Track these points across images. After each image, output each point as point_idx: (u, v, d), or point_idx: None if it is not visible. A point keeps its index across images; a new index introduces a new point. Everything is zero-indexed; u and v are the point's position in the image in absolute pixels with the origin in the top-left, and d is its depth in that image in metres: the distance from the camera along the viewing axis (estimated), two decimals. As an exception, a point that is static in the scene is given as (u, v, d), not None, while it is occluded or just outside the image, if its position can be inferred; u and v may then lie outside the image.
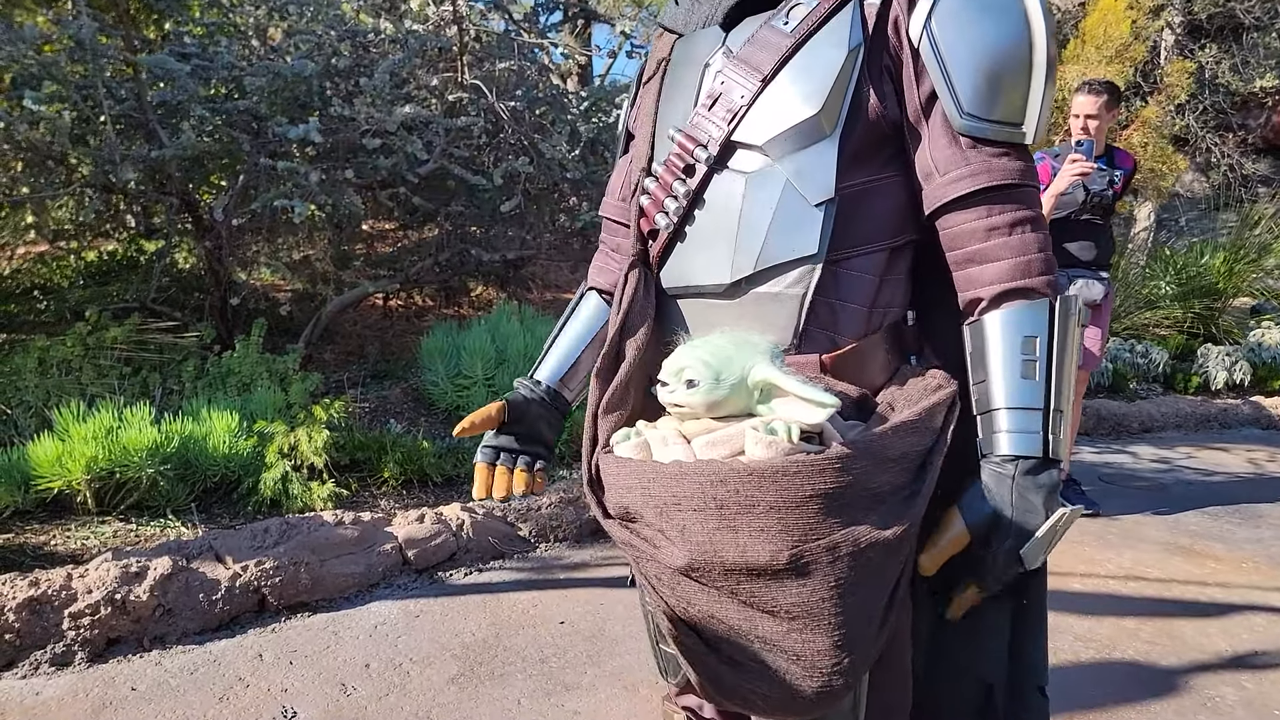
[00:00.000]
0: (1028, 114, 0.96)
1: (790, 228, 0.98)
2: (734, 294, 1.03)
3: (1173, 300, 7.61)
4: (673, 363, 0.94)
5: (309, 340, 4.50)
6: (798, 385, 0.88)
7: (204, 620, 2.48)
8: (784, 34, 1.00)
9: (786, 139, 0.98)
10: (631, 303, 1.08)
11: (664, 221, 1.08)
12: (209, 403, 3.31)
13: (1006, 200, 0.97)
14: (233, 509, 3.14)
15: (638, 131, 1.18)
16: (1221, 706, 2.37)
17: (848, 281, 1.02)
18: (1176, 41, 8.59)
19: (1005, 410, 0.96)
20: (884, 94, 0.99)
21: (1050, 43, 0.95)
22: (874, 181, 1.01)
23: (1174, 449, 5.52)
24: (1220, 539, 3.76)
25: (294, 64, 3.44)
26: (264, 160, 3.55)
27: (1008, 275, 0.96)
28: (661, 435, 0.95)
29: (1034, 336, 0.95)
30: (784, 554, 0.83)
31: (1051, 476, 0.95)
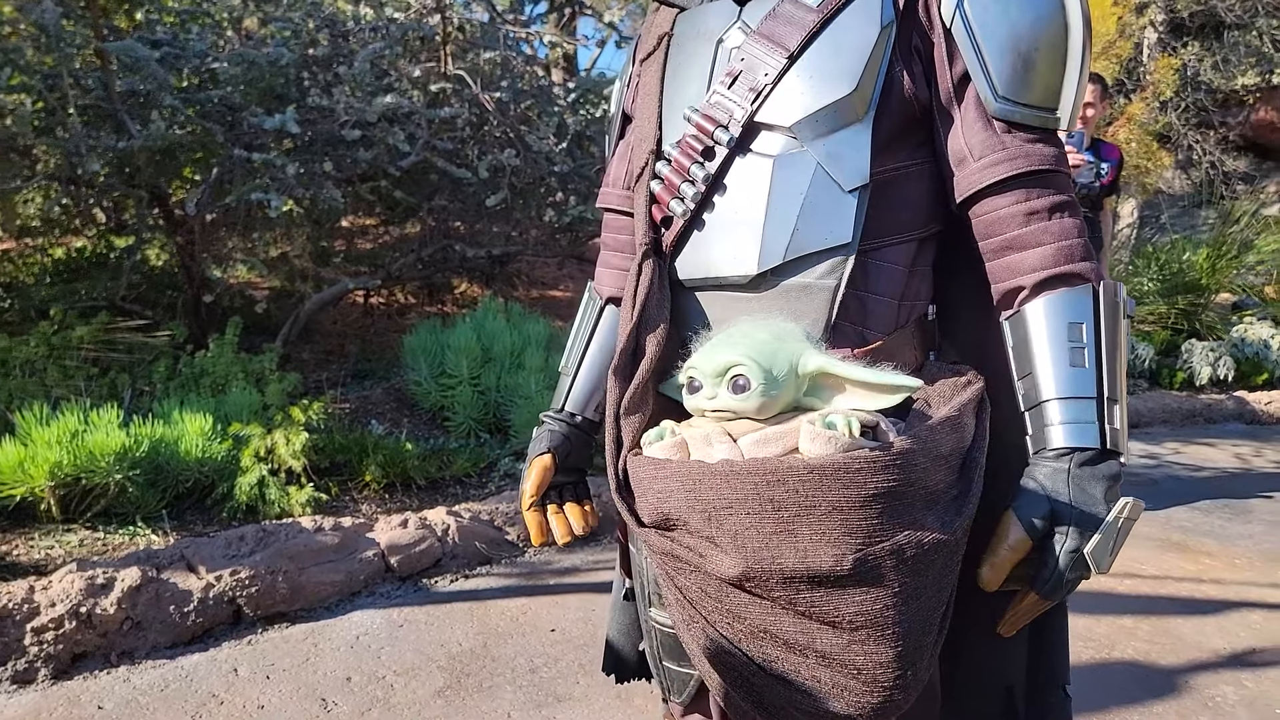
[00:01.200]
0: (1063, 98, 0.92)
1: (823, 215, 0.92)
2: (758, 286, 0.96)
3: (1157, 296, 7.65)
4: (710, 362, 0.85)
5: (287, 339, 4.37)
6: (862, 371, 0.83)
7: (175, 633, 2.37)
8: (809, 8, 0.93)
9: (818, 120, 0.92)
10: (648, 295, 1.00)
11: (679, 208, 1.00)
12: (181, 404, 3.19)
13: (1044, 185, 0.92)
14: (206, 515, 3.02)
15: (639, 112, 1.10)
16: (1223, 706, 2.34)
17: (877, 273, 0.97)
18: (1160, 39, 8.62)
19: (1056, 401, 0.90)
20: (914, 75, 0.94)
21: (1086, 26, 0.92)
22: (905, 167, 0.97)
23: (1162, 444, 5.53)
24: (1212, 535, 3.75)
25: (270, 52, 3.32)
26: (239, 152, 3.43)
27: (1051, 261, 0.91)
28: (704, 434, 0.86)
29: (1080, 323, 0.90)
30: (849, 558, 0.77)
31: (1112, 467, 0.88)
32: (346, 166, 3.91)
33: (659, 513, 0.87)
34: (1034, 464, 0.90)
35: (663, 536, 0.87)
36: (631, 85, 1.16)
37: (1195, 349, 6.87)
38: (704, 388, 0.86)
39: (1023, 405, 0.94)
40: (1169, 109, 8.40)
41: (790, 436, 0.82)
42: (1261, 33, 9.08)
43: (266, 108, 3.54)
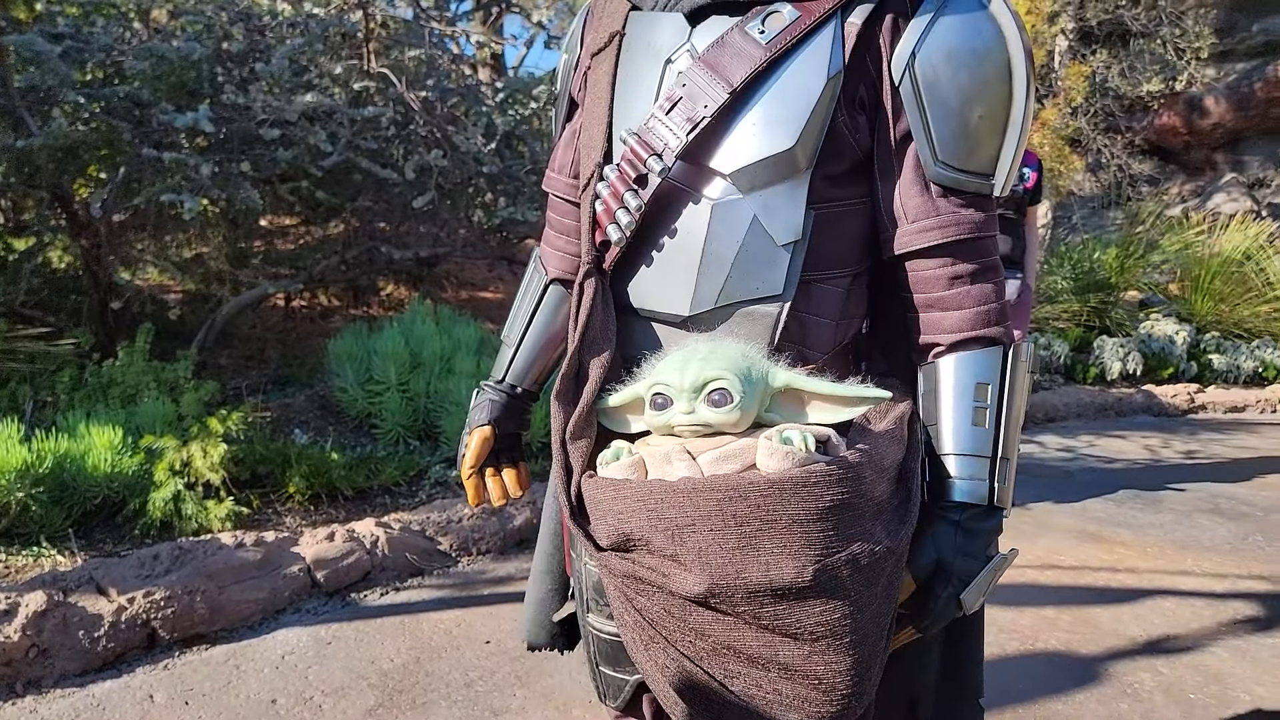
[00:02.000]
0: (999, 166, 0.95)
1: (756, 265, 0.94)
2: (696, 325, 0.98)
3: (1070, 294, 7.95)
4: (684, 377, 0.85)
5: (203, 345, 4.19)
6: (829, 385, 0.86)
7: (86, 660, 2.25)
8: (757, 44, 0.92)
9: (756, 171, 0.92)
10: (590, 316, 0.99)
11: (615, 234, 0.99)
12: (88, 417, 3.02)
13: (970, 252, 0.96)
14: (117, 534, 2.87)
15: (589, 116, 1.07)
16: (1141, 693, 2.44)
17: (819, 295, 0.99)
18: (1070, 47, 8.96)
19: (955, 456, 0.96)
20: (857, 125, 0.95)
21: (1030, 98, 0.94)
22: (846, 205, 0.99)
23: (1077, 437, 5.75)
24: (1126, 525, 3.91)
25: (181, 47, 3.16)
26: (148, 151, 3.25)
27: (968, 324, 0.97)
28: (663, 452, 0.86)
29: (986, 383, 0.96)
30: (809, 569, 0.79)
31: (995, 523, 0.96)
32: (265, 166, 3.76)
33: (619, 534, 0.86)
34: (932, 514, 0.96)
35: (622, 559, 0.87)
36: (579, 71, 1.13)
37: (1106, 345, 7.17)
38: (676, 403, 0.86)
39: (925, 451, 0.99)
40: (1079, 114, 8.75)
41: (748, 453, 0.83)
42: (1165, 41, 9.53)
43: (178, 104, 3.38)
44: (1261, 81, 11.16)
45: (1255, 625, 2.88)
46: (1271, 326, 8.08)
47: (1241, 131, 11.81)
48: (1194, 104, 11.46)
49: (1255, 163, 11.97)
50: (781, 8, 0.92)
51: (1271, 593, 3.18)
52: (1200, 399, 6.90)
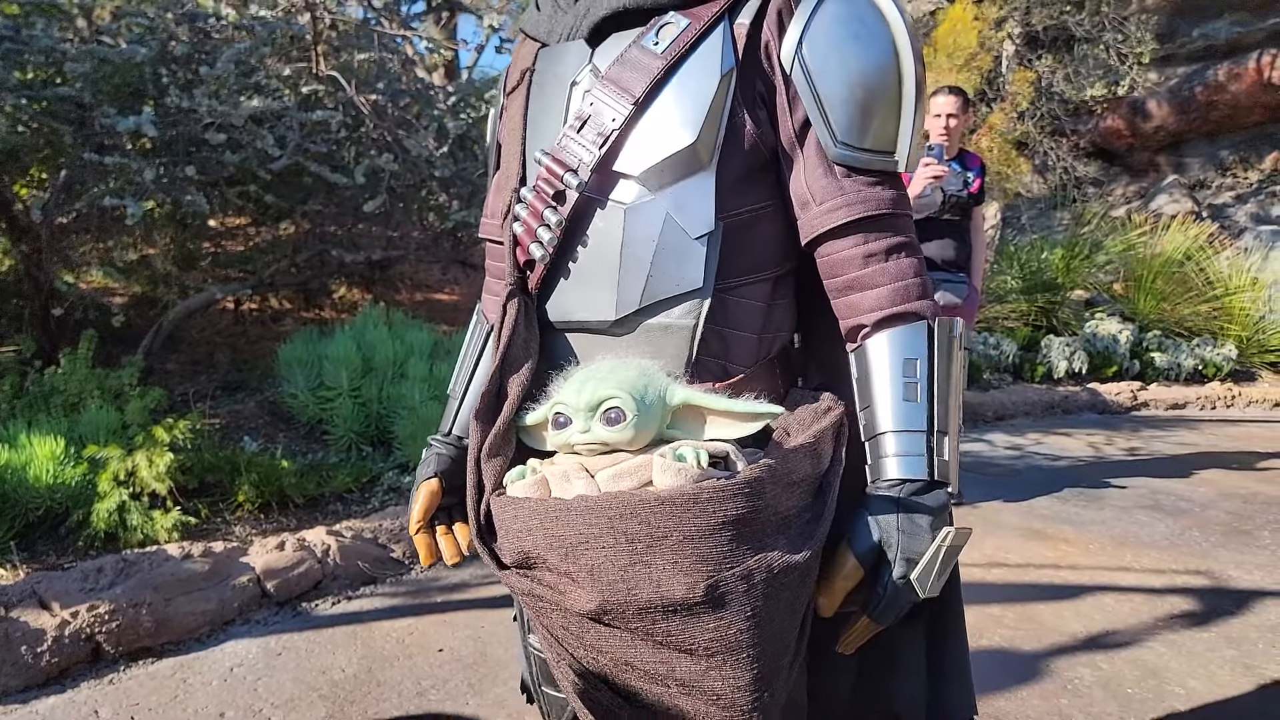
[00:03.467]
0: (899, 142, 0.97)
1: (674, 261, 0.96)
2: (619, 329, 1.00)
3: (1018, 294, 8.13)
4: (580, 397, 0.87)
5: (149, 350, 4.11)
6: (724, 401, 0.87)
7: (28, 676, 2.20)
8: (654, 55, 0.96)
9: (663, 170, 0.96)
10: (513, 336, 1.02)
11: (539, 252, 1.02)
12: (29, 426, 2.95)
13: (882, 228, 0.97)
14: (60, 545, 2.81)
15: (505, 149, 1.11)
16: (1080, 688, 2.51)
17: (737, 309, 1.00)
18: (1016, 52, 9.17)
19: (891, 434, 0.96)
20: (759, 120, 0.97)
21: (918, 69, 0.96)
22: (756, 210, 1.00)
23: (1024, 435, 5.88)
24: (1069, 521, 4.02)
25: (124, 49, 3.08)
26: (90, 155, 3.17)
27: (888, 301, 0.97)
28: (562, 470, 0.88)
29: (914, 359, 0.96)
30: (700, 585, 0.79)
31: (939, 498, 0.94)
32: (212, 169, 3.69)
33: (519, 551, 0.87)
34: (869, 494, 0.96)
35: (523, 577, 0.88)
36: (502, 116, 1.17)
37: (1053, 344, 7.34)
38: (574, 422, 0.88)
39: (863, 435, 0.99)
40: (1026, 118, 8.96)
41: (645, 470, 0.84)
42: (1108, 46, 9.79)
43: (120, 107, 3.30)
44: (1202, 85, 11.52)
45: (1190, 620, 2.97)
46: (1211, 325, 8.35)
47: (1183, 134, 12.18)
48: (1137, 107, 11.79)
49: (1196, 164, 12.36)
50: (672, 18, 0.97)
51: (1206, 587, 3.28)
52: (1143, 396, 7.11)
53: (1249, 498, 4.46)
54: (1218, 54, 11.57)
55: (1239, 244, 9.81)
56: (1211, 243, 9.26)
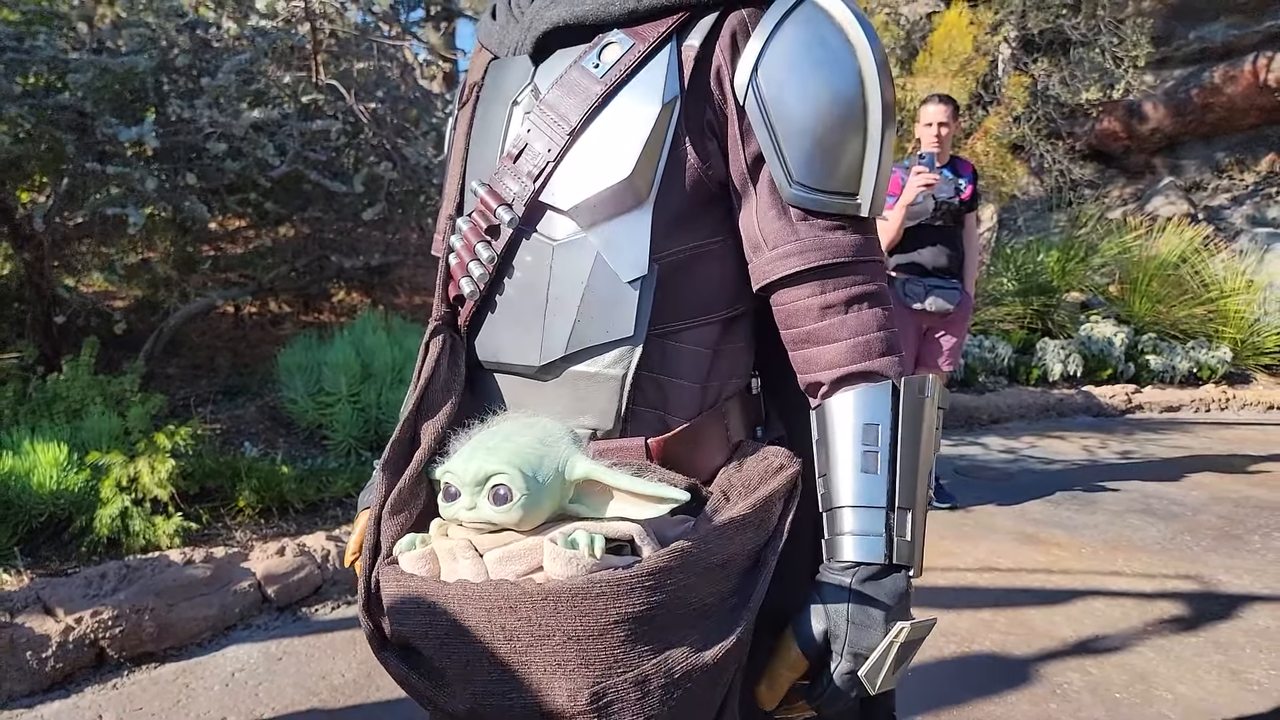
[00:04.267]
0: (863, 183, 0.86)
1: (603, 307, 0.87)
2: (548, 374, 0.91)
3: (1014, 297, 8.17)
4: (468, 469, 0.77)
5: (150, 355, 4.14)
6: (629, 480, 0.77)
7: (33, 681, 2.24)
8: (594, 78, 0.87)
9: (595, 206, 0.86)
10: (431, 378, 0.93)
11: (469, 288, 0.94)
12: (33, 432, 2.99)
13: (841, 278, 0.87)
14: (63, 551, 2.84)
15: (450, 168, 1.04)
16: (1069, 692, 2.55)
17: (676, 356, 0.90)
18: (1013, 55, 9.21)
19: (848, 509, 0.85)
20: (707, 152, 0.87)
21: (887, 104, 0.86)
22: (701, 247, 0.90)
23: (1019, 439, 5.92)
24: (1062, 525, 4.06)
25: (125, 60, 3.12)
26: (92, 164, 3.21)
27: (846, 357, 0.87)
28: (449, 547, 0.80)
29: (875, 424, 0.85)
30: (584, 693, 0.71)
31: (897, 584, 0.84)
32: (212, 176, 3.73)
33: (398, 634, 0.80)
34: (821, 576, 0.86)
35: (400, 662, 0.80)
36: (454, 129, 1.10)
37: (1048, 347, 7.38)
38: (462, 496, 0.78)
39: (820, 505, 0.89)
40: (1022, 121, 9.00)
41: (536, 553, 0.76)
42: (1104, 50, 9.83)
43: (121, 116, 3.34)
44: (1198, 88, 11.57)
45: (1179, 625, 3.02)
46: (1206, 328, 8.38)
47: (1179, 136, 12.23)
48: (1133, 109, 11.84)
49: (1192, 166, 12.41)
50: (617, 36, 0.88)
51: (1196, 592, 3.32)
52: (1137, 399, 7.14)
53: (1240, 501, 4.50)
54: (1214, 56, 11.62)
55: (1234, 246, 9.85)
56: (1207, 245, 9.30)
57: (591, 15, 0.88)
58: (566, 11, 0.89)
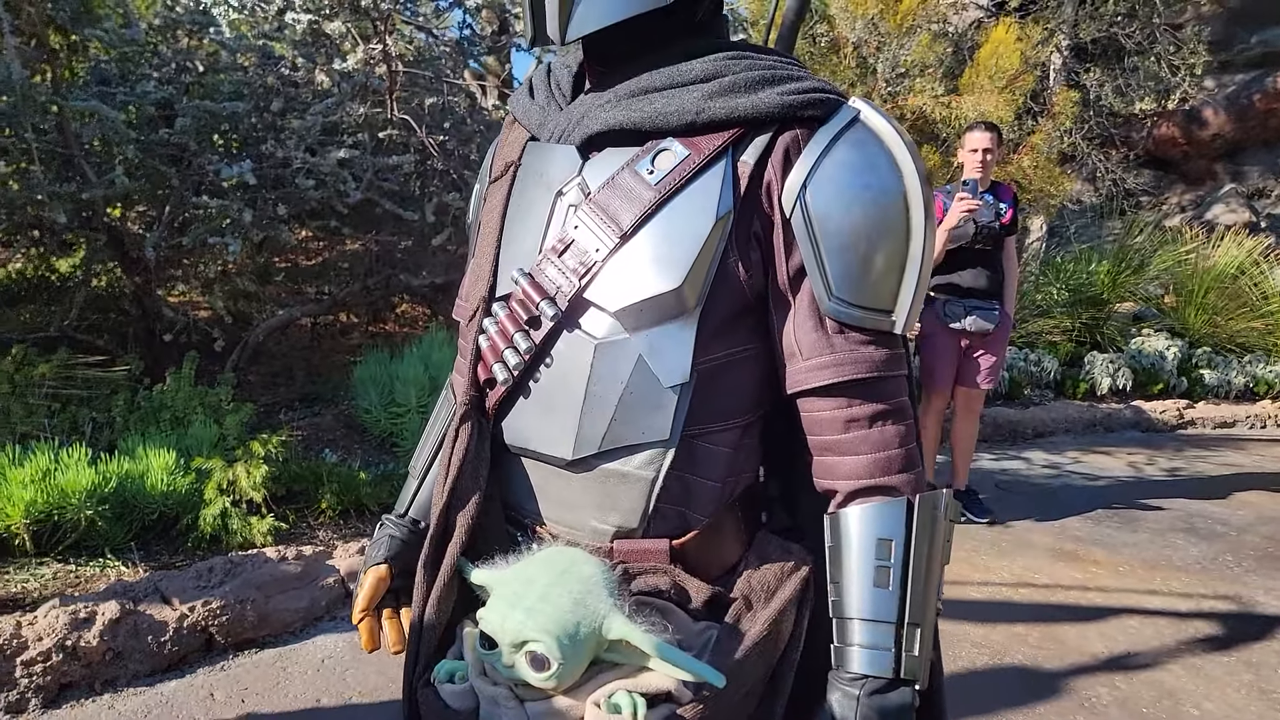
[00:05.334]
0: (899, 302, 0.90)
1: (641, 408, 0.89)
2: (578, 468, 0.92)
3: (1063, 308, 8.14)
4: (506, 627, 0.80)
5: (236, 365, 4.49)
6: (666, 650, 0.79)
7: (154, 662, 2.54)
8: (648, 184, 0.88)
9: (642, 311, 0.88)
10: (462, 466, 0.95)
11: (502, 375, 0.95)
12: (144, 439, 3.32)
13: (868, 393, 0.90)
14: (172, 546, 3.17)
15: (480, 245, 1.05)
16: (1097, 706, 2.67)
17: (704, 456, 0.93)
18: (1064, 64, 9.20)
19: (858, 621, 0.89)
20: (751, 263, 0.90)
21: (929, 231, 0.90)
22: (735, 354, 0.93)
23: (1063, 453, 5.94)
24: (1101, 543, 4.13)
25: (226, 105, 3.44)
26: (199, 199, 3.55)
27: (865, 471, 0.90)
28: (492, 695, 0.83)
29: (889, 539, 0.88)
30: None
31: (904, 696, 0.87)
32: (295, 202, 4.06)
33: None
34: (831, 683, 0.90)
35: None
36: (483, 200, 1.10)
37: (1096, 360, 7.35)
38: (500, 650, 0.81)
39: (831, 611, 0.92)
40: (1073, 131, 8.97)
41: (578, 710, 0.79)
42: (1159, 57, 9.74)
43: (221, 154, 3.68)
44: (1260, 93, 11.36)
45: (1212, 644, 3.09)
46: (1265, 341, 8.23)
47: (1241, 142, 12.00)
48: (1193, 115, 11.66)
49: (1255, 173, 12.16)
50: (672, 144, 0.89)
51: (1232, 612, 3.38)
52: (1190, 414, 7.07)
53: (1286, 521, 4.52)
54: (1277, 61, 11.40)
55: (1297, 257, 9.65)
56: (1268, 256, 9.13)
57: (649, 123, 0.90)
58: (624, 116, 0.90)
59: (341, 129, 4.18)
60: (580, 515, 0.94)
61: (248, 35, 3.92)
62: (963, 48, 8.73)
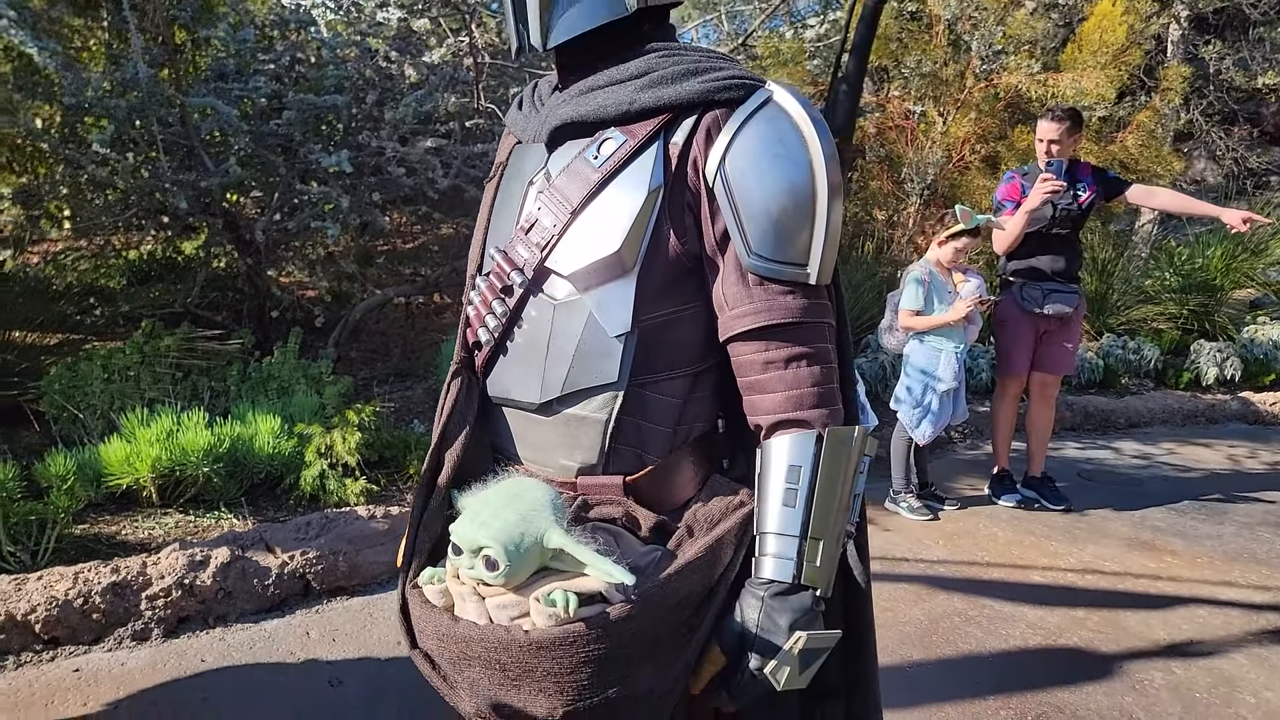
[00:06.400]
0: (811, 256, 1.02)
1: (592, 356, 1.04)
2: (545, 412, 1.08)
3: (1170, 294, 7.79)
4: (466, 537, 0.96)
5: (338, 341, 4.86)
6: (590, 555, 0.92)
7: (258, 602, 2.85)
8: (593, 167, 1.04)
9: (590, 273, 1.03)
10: (451, 413, 1.14)
11: (485, 336, 1.12)
12: (253, 405, 3.67)
13: (785, 337, 1.02)
14: (276, 502, 3.51)
15: (476, 232, 1.23)
16: (1148, 689, 2.66)
17: (653, 404, 1.07)
18: (1183, 36, 8.72)
19: (770, 535, 1.02)
20: (684, 230, 1.03)
21: (834, 187, 1.01)
22: (677, 312, 1.07)
23: (1158, 445, 5.75)
24: (1181, 534, 4.03)
25: (326, 99, 3.75)
26: (302, 187, 3.88)
27: (780, 407, 1.03)
28: (460, 591, 0.99)
29: (798, 466, 1.01)
30: (559, 710, 0.93)
31: (803, 600, 0.99)
32: (390, 189, 4.36)
33: (421, 646, 1.04)
34: (745, 589, 1.03)
35: (424, 661, 1.03)
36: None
37: (1203, 349, 7.00)
38: (463, 555, 0.97)
39: (754, 528, 1.06)
40: (1190, 106, 8.51)
41: (524, 604, 0.95)
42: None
43: (321, 144, 4.00)
44: None
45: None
46: (1397, 330, 7.69)
47: (1388, 117, 11.10)
48: (1331, 90, 10.84)
49: (1404, 150, 11.23)
50: (613, 133, 1.04)
51: (1312, 606, 3.29)
52: (1303, 407, 6.72)
53: (1387, 520, 4.29)
54: None
55: None
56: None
57: (592, 115, 1.05)
58: (573, 111, 1.07)
59: (433, 118, 4.45)
60: (551, 455, 1.10)
61: (343, 33, 4.23)
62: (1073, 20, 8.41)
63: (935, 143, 7.19)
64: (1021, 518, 4.19)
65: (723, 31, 8.92)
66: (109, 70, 3.78)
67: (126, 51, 3.95)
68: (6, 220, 4.60)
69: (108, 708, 2.33)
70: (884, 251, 7.48)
